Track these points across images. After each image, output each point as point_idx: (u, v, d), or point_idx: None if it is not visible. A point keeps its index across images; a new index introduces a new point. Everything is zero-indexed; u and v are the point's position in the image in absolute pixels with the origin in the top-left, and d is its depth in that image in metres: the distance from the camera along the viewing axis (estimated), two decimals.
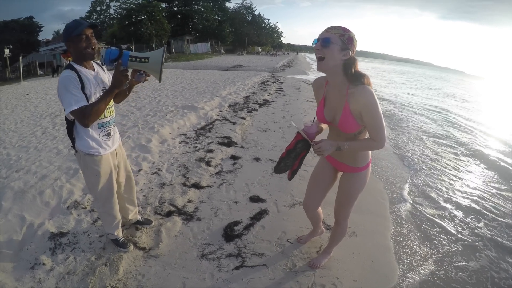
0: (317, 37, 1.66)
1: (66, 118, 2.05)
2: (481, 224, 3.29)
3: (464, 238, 3.00)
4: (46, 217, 2.88)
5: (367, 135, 1.83)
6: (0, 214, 2.85)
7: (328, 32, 1.62)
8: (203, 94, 9.59)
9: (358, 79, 1.66)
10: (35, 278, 2.20)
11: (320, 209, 2.41)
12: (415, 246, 2.79)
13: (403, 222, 3.18)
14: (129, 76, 2.01)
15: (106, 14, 55.25)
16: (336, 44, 1.59)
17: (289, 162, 1.92)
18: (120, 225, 2.51)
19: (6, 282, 2.15)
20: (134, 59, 1.92)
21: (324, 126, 2.04)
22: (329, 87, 1.83)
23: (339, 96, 1.75)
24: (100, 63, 2.20)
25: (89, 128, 2.04)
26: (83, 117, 1.87)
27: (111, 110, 2.20)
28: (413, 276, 2.42)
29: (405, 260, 2.59)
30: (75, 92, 1.87)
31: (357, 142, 1.79)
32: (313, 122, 1.88)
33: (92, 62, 2.09)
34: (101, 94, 2.05)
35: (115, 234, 2.48)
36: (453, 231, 3.09)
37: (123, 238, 2.55)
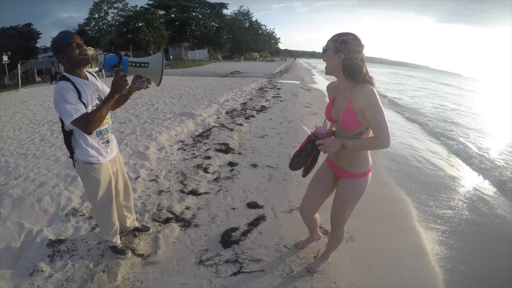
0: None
1: (63, 129, 2.05)
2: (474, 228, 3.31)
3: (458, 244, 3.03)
4: (45, 224, 2.89)
5: (369, 135, 1.91)
6: None
7: (327, 41, 1.81)
8: (201, 101, 9.64)
9: (361, 79, 1.78)
10: (34, 285, 2.21)
11: (317, 215, 2.43)
12: (413, 251, 2.80)
13: (403, 227, 3.19)
14: (130, 83, 2.04)
15: (104, 21, 55.88)
16: (329, 49, 1.78)
17: (301, 160, 2.06)
18: (118, 232, 2.53)
19: None
20: (134, 64, 1.95)
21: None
22: (338, 89, 1.96)
23: (345, 95, 1.86)
24: (92, 72, 2.24)
25: (88, 137, 2.06)
26: (86, 124, 1.88)
27: (107, 117, 2.21)
28: (411, 280, 2.44)
29: (404, 264, 2.61)
30: (73, 102, 1.88)
31: (361, 140, 1.86)
32: (324, 123, 2.00)
33: (84, 70, 2.10)
34: (97, 102, 2.08)
35: (113, 241, 2.50)
36: (460, 236, 3.12)
37: (121, 245, 2.56)
